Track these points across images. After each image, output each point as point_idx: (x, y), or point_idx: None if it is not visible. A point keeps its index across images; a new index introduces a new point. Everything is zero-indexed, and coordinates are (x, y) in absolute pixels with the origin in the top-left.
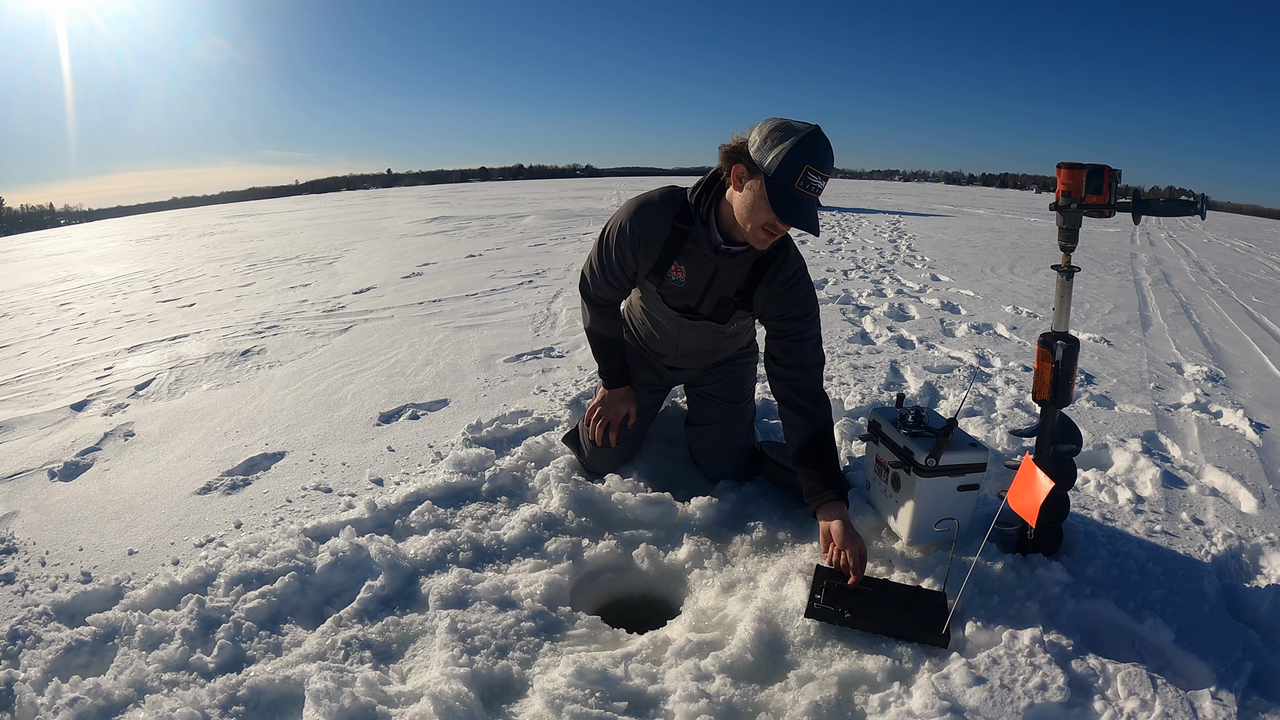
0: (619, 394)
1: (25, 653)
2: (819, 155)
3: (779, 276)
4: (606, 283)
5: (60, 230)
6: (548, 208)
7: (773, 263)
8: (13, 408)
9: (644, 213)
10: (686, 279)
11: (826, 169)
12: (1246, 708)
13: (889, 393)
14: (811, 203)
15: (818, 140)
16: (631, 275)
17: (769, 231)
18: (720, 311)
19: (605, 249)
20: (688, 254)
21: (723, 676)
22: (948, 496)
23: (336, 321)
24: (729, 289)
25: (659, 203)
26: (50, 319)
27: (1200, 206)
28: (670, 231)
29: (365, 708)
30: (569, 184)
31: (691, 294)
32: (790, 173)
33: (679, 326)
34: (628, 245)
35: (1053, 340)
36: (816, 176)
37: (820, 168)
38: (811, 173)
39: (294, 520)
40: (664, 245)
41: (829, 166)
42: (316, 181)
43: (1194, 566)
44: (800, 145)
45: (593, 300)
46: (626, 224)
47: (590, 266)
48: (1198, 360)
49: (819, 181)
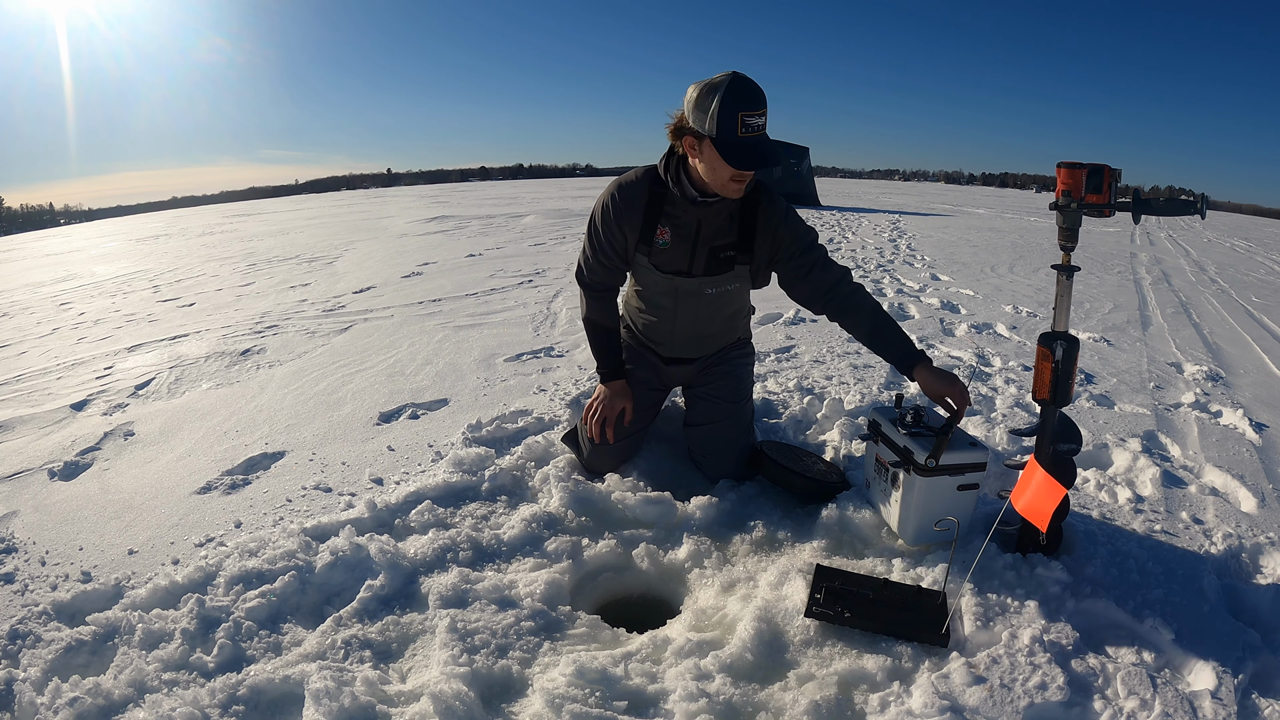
0: (616, 388)
1: (25, 652)
2: (748, 98)
3: (773, 219)
4: (600, 265)
5: (60, 230)
6: (548, 207)
7: (758, 207)
8: (13, 407)
9: (622, 187)
10: (672, 238)
11: (759, 106)
12: (1246, 708)
13: (889, 393)
14: (759, 142)
15: (740, 85)
16: (622, 251)
17: (737, 181)
18: (714, 264)
19: (594, 230)
20: (669, 215)
21: (723, 676)
22: (948, 496)
23: (336, 321)
24: (717, 239)
25: (635, 178)
26: (50, 318)
27: (1200, 206)
28: (649, 198)
29: (365, 707)
30: (569, 183)
31: (680, 253)
32: (729, 125)
33: (675, 299)
34: (613, 219)
35: (1053, 340)
36: (753, 117)
37: (753, 108)
38: (747, 117)
39: (294, 520)
40: (645, 212)
41: (761, 103)
42: (316, 181)
43: (1194, 566)
44: (726, 97)
45: (589, 286)
46: (608, 201)
47: (584, 253)
48: (1198, 360)
49: (757, 120)
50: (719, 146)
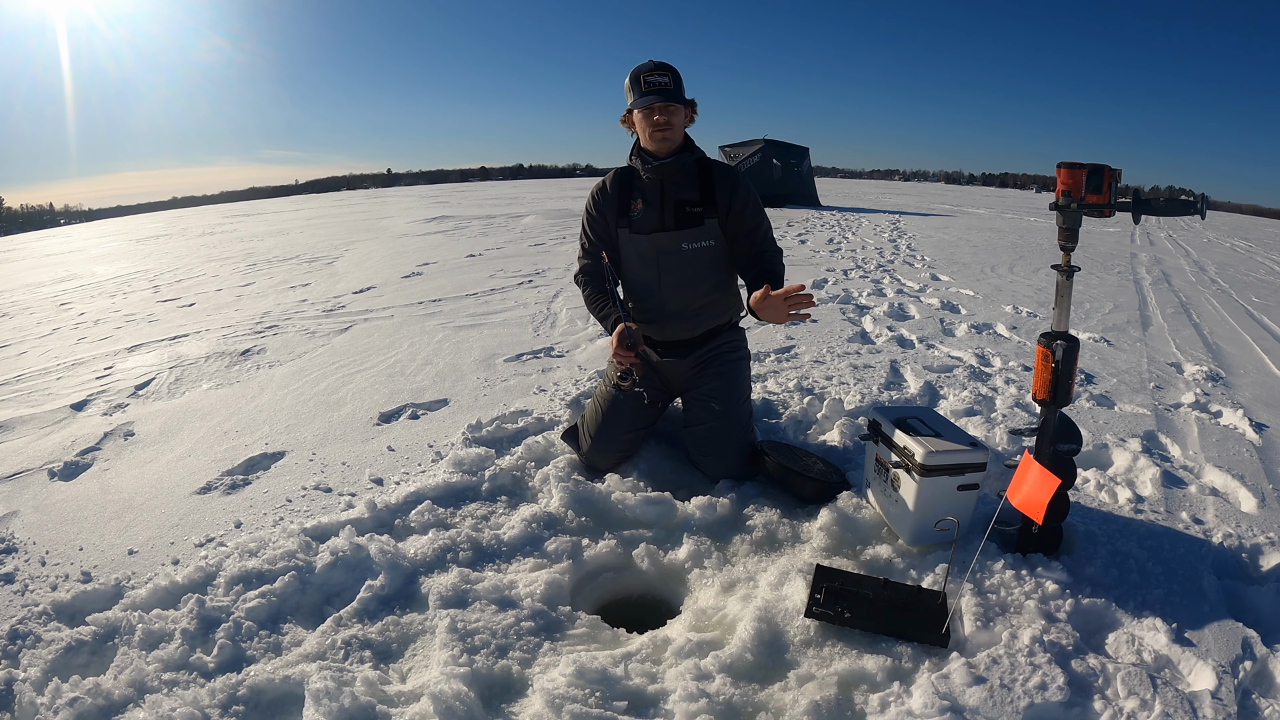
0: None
1: (25, 652)
2: (648, 66)
3: (727, 175)
4: (592, 255)
5: (60, 230)
6: (547, 207)
7: (713, 169)
8: (13, 407)
9: (599, 184)
10: (644, 206)
11: (658, 69)
12: (1246, 708)
13: (889, 393)
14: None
15: (642, 64)
16: (606, 234)
17: (656, 129)
18: (684, 218)
19: (584, 227)
20: (638, 189)
21: (723, 676)
22: (948, 496)
23: (336, 321)
24: (682, 194)
25: (608, 175)
26: (50, 319)
27: (1200, 206)
28: (619, 184)
29: (365, 707)
30: (569, 183)
31: (653, 213)
32: (637, 87)
33: (657, 261)
34: (596, 207)
35: (1053, 340)
36: (654, 75)
37: (648, 71)
38: (648, 76)
39: (294, 520)
40: (619, 194)
41: (659, 66)
42: (316, 181)
43: (1194, 566)
44: (632, 74)
45: (585, 272)
46: (591, 196)
47: (580, 249)
48: (1198, 360)
49: (657, 78)
50: (636, 107)
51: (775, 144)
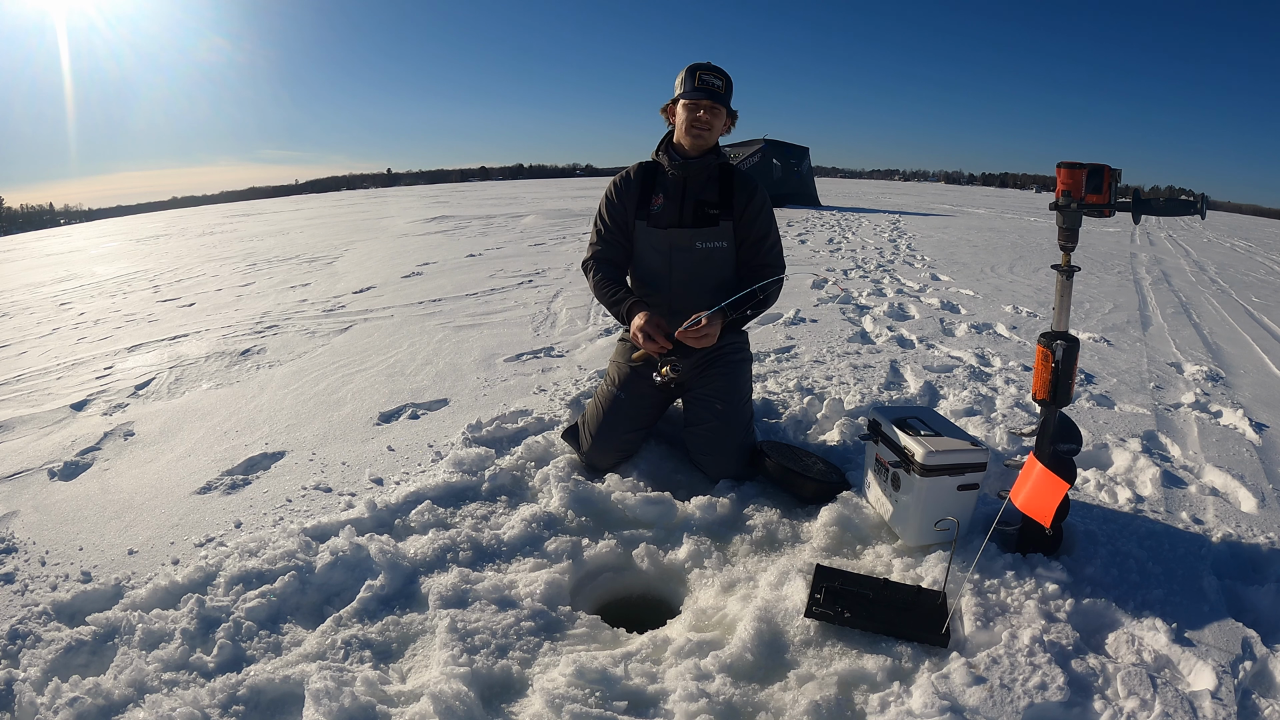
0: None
1: (25, 652)
2: (703, 66)
3: (747, 183)
4: (606, 242)
5: (60, 230)
6: (547, 207)
7: (734, 176)
8: (13, 407)
9: (624, 173)
10: (665, 201)
11: (716, 70)
12: (1246, 708)
13: (889, 393)
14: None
15: (700, 62)
16: (624, 224)
17: (694, 124)
18: (700, 218)
19: (600, 213)
20: (661, 184)
21: (723, 676)
22: (948, 496)
23: (336, 321)
24: (703, 194)
25: (633, 166)
26: (50, 319)
27: (1200, 206)
28: (644, 176)
29: (365, 707)
30: (569, 183)
31: (672, 209)
32: (689, 82)
33: (669, 254)
34: (617, 194)
35: (1052, 340)
36: (709, 76)
37: (705, 69)
38: (702, 75)
39: (294, 520)
40: (641, 187)
41: (717, 70)
42: (316, 181)
43: (1194, 566)
44: (689, 68)
45: (596, 259)
46: (613, 185)
47: (592, 240)
48: (1198, 360)
49: (712, 79)
50: (683, 99)
51: (775, 144)
